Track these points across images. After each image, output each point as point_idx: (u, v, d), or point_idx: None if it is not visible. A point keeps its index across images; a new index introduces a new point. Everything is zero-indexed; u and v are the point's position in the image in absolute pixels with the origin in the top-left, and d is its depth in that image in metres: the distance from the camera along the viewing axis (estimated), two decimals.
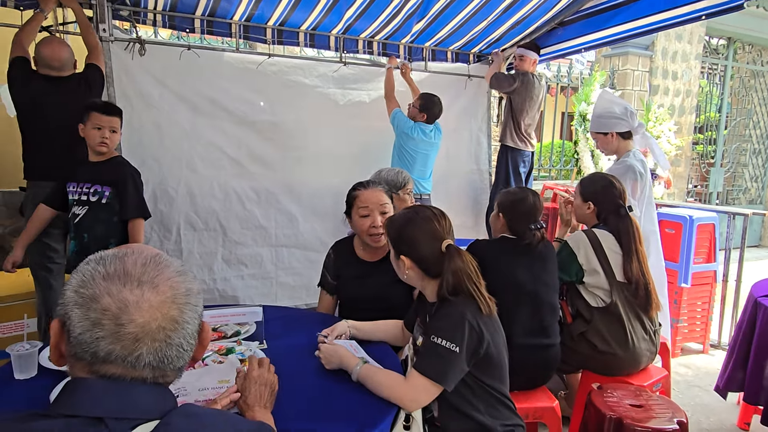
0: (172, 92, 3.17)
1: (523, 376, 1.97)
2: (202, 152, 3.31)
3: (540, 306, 2.02)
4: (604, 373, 2.18)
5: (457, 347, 1.33)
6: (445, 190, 4.14)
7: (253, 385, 1.20)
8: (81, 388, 0.69)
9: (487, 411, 1.42)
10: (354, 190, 2.02)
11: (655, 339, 2.22)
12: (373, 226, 1.93)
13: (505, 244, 2.08)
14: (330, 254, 2.13)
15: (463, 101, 4.23)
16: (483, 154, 4.40)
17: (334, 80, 3.66)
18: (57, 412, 0.67)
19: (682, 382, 3.10)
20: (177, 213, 3.27)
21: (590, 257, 2.20)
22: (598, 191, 2.32)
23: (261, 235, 3.56)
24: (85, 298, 0.69)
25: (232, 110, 3.36)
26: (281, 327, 1.86)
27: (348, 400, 1.39)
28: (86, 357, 0.69)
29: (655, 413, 1.77)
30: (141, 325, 0.69)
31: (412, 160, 3.53)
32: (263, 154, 3.51)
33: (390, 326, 1.76)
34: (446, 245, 1.41)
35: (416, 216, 1.47)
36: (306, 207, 3.68)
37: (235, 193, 3.44)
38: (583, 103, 4.89)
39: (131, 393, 0.70)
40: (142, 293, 0.70)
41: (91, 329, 0.68)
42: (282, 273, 3.66)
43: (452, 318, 1.36)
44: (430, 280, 1.46)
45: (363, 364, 1.45)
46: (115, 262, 0.72)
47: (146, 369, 0.71)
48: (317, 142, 3.65)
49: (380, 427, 1.28)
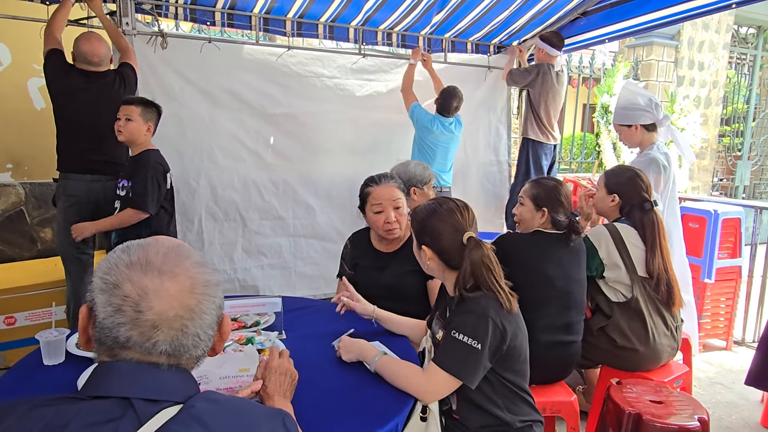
0: (193, 85, 3.21)
1: (543, 371, 1.95)
2: (223, 144, 3.35)
3: (569, 304, 2.00)
4: (624, 368, 2.16)
5: (479, 344, 1.32)
6: (464, 183, 4.13)
7: (273, 374, 1.21)
8: (110, 371, 0.72)
9: (506, 406, 1.42)
10: (366, 186, 2.02)
11: (676, 335, 2.19)
12: (387, 222, 1.95)
13: (539, 239, 2.03)
14: (347, 245, 2.16)
15: (483, 93, 4.19)
16: (502, 146, 4.37)
17: (352, 72, 3.66)
18: (86, 395, 0.70)
19: (704, 379, 3.05)
20: (198, 204, 3.33)
21: (611, 252, 2.17)
22: (624, 183, 2.28)
23: (279, 226, 3.60)
24: (108, 285, 0.71)
25: (251, 103, 3.39)
26: (300, 318, 1.89)
27: (365, 391, 1.41)
28: (108, 342, 0.71)
29: (675, 409, 1.75)
30: (158, 312, 0.71)
31: (432, 153, 3.52)
32: (281, 146, 3.54)
33: (415, 325, 1.77)
34: (467, 237, 1.41)
35: (439, 207, 1.47)
36: (323, 198, 3.71)
37: (254, 184, 3.49)
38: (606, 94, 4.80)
39: (159, 376, 0.72)
40: (162, 282, 0.72)
41: (113, 315, 0.70)
42: (300, 263, 3.71)
43: (475, 314, 1.35)
44: (451, 271, 1.46)
45: (382, 355, 1.46)
46: (138, 251, 0.74)
47: (162, 356, 0.73)
48: (335, 134, 3.67)
49: (397, 419, 1.29)
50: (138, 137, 2.48)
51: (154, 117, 2.54)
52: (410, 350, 1.65)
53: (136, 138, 2.49)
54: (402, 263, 1.98)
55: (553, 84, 3.84)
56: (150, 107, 2.51)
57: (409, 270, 1.92)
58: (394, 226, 1.94)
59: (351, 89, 3.67)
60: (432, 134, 3.48)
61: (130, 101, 2.48)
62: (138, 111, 2.46)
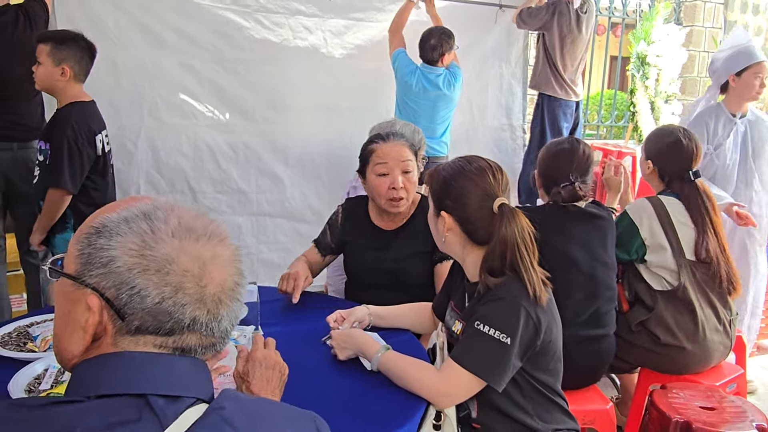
0: (131, 20, 3.16)
1: (570, 372, 1.99)
2: (168, 97, 3.32)
3: (596, 290, 2.06)
4: (668, 370, 2.23)
5: (509, 338, 1.34)
6: (468, 151, 4.12)
7: (258, 368, 1.23)
8: (117, 363, 0.72)
9: (536, 413, 1.46)
10: (370, 143, 2.03)
11: (730, 330, 2.26)
12: (392, 188, 1.93)
13: (555, 214, 2.09)
14: (338, 212, 2.15)
15: (493, 39, 4.19)
16: (516, 107, 4.39)
17: (337, 8, 3.61)
18: (85, 395, 0.69)
19: (759, 385, 3.17)
20: (136, 172, 3.30)
21: (655, 230, 2.23)
22: (661, 149, 2.34)
23: (239, 201, 3.59)
24: (157, 261, 0.72)
25: (204, 44, 3.35)
26: (279, 310, 1.91)
27: (365, 395, 1.43)
28: (165, 327, 0.73)
29: (730, 416, 1.83)
30: (220, 283, 0.75)
31: (414, 114, 3.46)
32: (242, 101, 3.51)
33: (417, 310, 1.79)
34: (499, 204, 1.42)
35: (468, 165, 1.48)
36: (294, 167, 3.70)
37: (208, 148, 3.46)
38: (642, 42, 4.85)
39: (175, 368, 0.74)
40: (214, 248, 0.76)
41: (173, 296, 0.72)
42: (264, 248, 3.71)
43: (505, 302, 1.38)
44: (473, 247, 1.48)
45: (386, 350, 1.48)
46: (168, 217, 0.76)
47: (221, 337, 0.77)
48: (310, 87, 3.64)
49: (407, 426, 1.32)
50: (50, 84, 2.42)
51: (72, 56, 2.42)
52: (417, 346, 1.68)
53: (48, 86, 2.44)
54: (406, 243, 2.00)
55: (572, 27, 3.87)
56: (63, 43, 2.40)
57: (415, 252, 1.94)
58: (400, 195, 1.92)
59: (334, 30, 3.63)
60: (412, 91, 3.44)
61: (39, 39, 2.42)
62: (46, 50, 2.37)
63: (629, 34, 5.11)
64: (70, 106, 2.45)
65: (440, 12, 3.77)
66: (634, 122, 4.92)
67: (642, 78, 4.83)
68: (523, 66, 4.36)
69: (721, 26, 5.81)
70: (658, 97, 4.85)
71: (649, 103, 4.83)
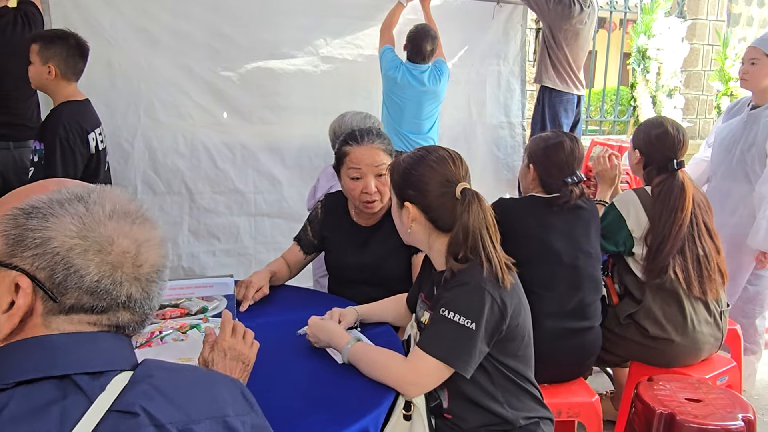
0: (127, 21, 3.18)
1: (555, 366, 2.00)
2: (164, 97, 3.33)
3: (579, 281, 2.05)
4: (658, 363, 2.21)
5: (473, 323, 1.34)
6: (467, 149, 4.12)
7: (221, 358, 1.24)
8: (37, 347, 0.73)
9: (507, 400, 1.45)
10: (344, 143, 1.98)
11: (720, 322, 2.24)
12: (365, 192, 1.92)
13: (535, 205, 2.09)
14: (318, 208, 2.17)
15: (490, 35, 4.17)
16: (515, 104, 4.36)
17: (335, 7, 3.62)
18: (4, 383, 0.69)
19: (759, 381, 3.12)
20: (133, 172, 3.32)
21: (642, 221, 2.21)
22: (649, 139, 2.32)
23: (236, 202, 3.60)
24: (98, 243, 0.75)
25: (201, 44, 3.36)
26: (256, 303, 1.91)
27: (336, 385, 1.44)
28: (100, 305, 0.76)
29: (715, 408, 1.80)
30: (153, 264, 0.80)
31: (398, 111, 3.47)
32: (238, 102, 3.51)
33: (396, 303, 1.80)
34: (462, 189, 1.42)
35: (428, 154, 1.49)
36: (291, 168, 3.70)
37: (205, 148, 3.47)
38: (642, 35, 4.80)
39: (100, 344, 0.77)
40: (148, 231, 0.80)
41: (112, 274, 0.76)
42: (262, 248, 3.71)
43: (468, 287, 1.38)
44: (439, 235, 1.48)
45: (356, 342, 1.49)
46: (104, 201, 0.79)
47: (150, 314, 0.82)
48: (308, 87, 3.64)
49: (373, 414, 1.32)
50: (41, 83, 2.45)
51: (58, 54, 2.41)
52: (393, 337, 1.69)
53: (40, 85, 2.46)
54: (383, 240, 2.00)
55: (577, 19, 3.83)
56: (51, 42, 2.40)
57: (393, 247, 1.94)
58: (373, 198, 1.92)
59: (332, 29, 3.64)
60: (396, 85, 3.42)
61: (31, 38, 2.44)
62: (36, 49, 2.39)
63: (630, 27, 5.07)
64: (63, 105, 2.48)
65: (438, 8, 3.76)
66: (635, 116, 4.88)
67: (643, 72, 4.78)
68: (521, 63, 4.33)
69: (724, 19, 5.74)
70: (659, 91, 4.80)
71: (650, 97, 4.78)
